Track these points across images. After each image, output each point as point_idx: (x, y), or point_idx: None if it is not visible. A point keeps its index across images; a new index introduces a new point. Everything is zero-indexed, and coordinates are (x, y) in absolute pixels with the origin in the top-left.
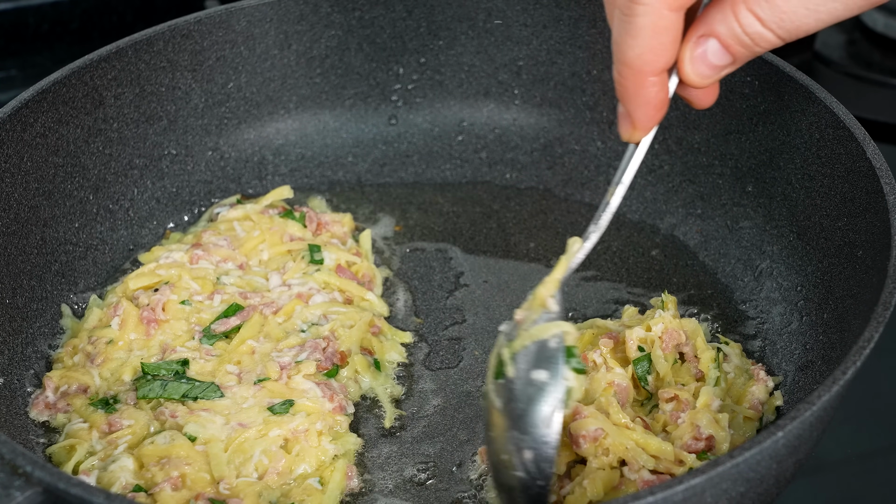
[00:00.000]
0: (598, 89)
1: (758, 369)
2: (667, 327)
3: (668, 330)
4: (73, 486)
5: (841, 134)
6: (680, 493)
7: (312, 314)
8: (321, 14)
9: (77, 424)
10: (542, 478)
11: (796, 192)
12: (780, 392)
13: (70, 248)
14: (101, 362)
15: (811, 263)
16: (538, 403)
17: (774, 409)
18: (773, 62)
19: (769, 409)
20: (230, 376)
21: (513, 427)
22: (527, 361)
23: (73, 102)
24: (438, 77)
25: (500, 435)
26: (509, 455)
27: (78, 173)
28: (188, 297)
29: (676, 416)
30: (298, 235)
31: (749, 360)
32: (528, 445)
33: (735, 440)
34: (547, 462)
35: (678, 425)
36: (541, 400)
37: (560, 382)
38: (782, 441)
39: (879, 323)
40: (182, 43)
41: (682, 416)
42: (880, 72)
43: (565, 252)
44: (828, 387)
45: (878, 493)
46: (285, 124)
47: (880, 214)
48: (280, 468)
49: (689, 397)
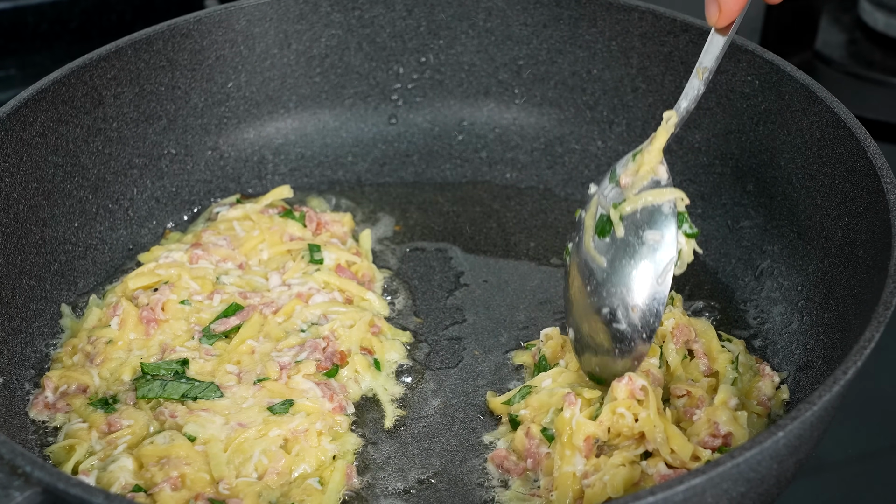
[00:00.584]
0: (599, 88)
1: (763, 365)
2: (678, 322)
3: (678, 325)
4: (73, 487)
5: (841, 133)
6: (680, 492)
7: (312, 314)
8: (321, 13)
9: (76, 424)
10: (647, 331)
11: (797, 192)
12: (786, 386)
13: (69, 248)
14: (101, 362)
15: (812, 263)
16: (652, 262)
17: (782, 403)
18: (774, 61)
19: (776, 405)
20: (230, 376)
21: (621, 283)
22: (638, 223)
23: (72, 102)
24: (438, 76)
25: (599, 292)
26: (612, 310)
27: (77, 173)
28: (188, 296)
29: (691, 413)
30: (298, 235)
31: (753, 357)
32: (639, 301)
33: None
34: (655, 316)
35: (693, 421)
36: (654, 258)
37: (673, 244)
38: (783, 441)
39: (880, 323)
40: (182, 42)
41: (698, 413)
42: (881, 71)
43: (662, 123)
44: (828, 387)
45: (879, 494)
46: (285, 124)
47: (881, 214)
48: (280, 468)
49: (703, 394)
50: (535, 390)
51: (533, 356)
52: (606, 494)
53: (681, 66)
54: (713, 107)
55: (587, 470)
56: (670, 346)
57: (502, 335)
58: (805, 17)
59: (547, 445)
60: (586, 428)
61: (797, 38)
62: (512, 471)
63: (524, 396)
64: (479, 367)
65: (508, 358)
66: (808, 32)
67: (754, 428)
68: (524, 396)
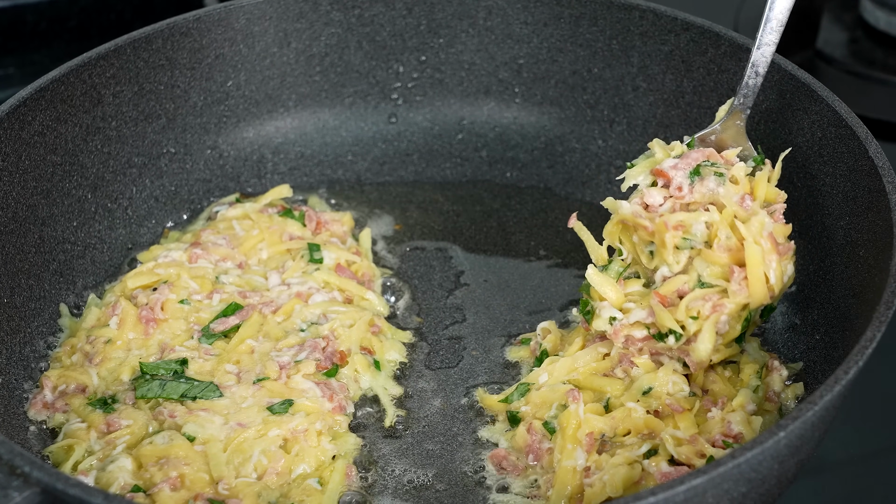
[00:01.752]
0: (599, 87)
1: (772, 359)
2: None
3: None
4: (72, 487)
5: (843, 132)
6: (681, 493)
7: (312, 313)
8: (321, 12)
9: (75, 424)
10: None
11: (798, 191)
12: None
13: (68, 247)
14: (100, 362)
15: (813, 263)
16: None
17: (795, 398)
18: (775, 60)
19: (788, 398)
20: (229, 376)
21: None
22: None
23: (71, 101)
24: (439, 75)
25: None
26: None
27: (76, 172)
28: (187, 296)
29: (706, 409)
30: (298, 234)
31: (767, 354)
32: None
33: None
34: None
35: (707, 419)
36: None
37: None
38: (784, 441)
39: (882, 322)
40: (181, 41)
41: (714, 411)
42: (882, 70)
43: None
44: (830, 386)
45: (881, 494)
46: (284, 122)
47: (882, 213)
48: (279, 468)
49: (725, 393)
50: (534, 386)
51: (532, 351)
52: (606, 494)
53: (682, 64)
54: (714, 106)
55: (588, 465)
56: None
57: (502, 335)
58: (806, 16)
59: (549, 440)
60: (594, 423)
61: (798, 37)
62: (511, 471)
63: (523, 394)
64: (479, 366)
65: (508, 357)
66: (809, 31)
67: (766, 427)
68: (523, 394)
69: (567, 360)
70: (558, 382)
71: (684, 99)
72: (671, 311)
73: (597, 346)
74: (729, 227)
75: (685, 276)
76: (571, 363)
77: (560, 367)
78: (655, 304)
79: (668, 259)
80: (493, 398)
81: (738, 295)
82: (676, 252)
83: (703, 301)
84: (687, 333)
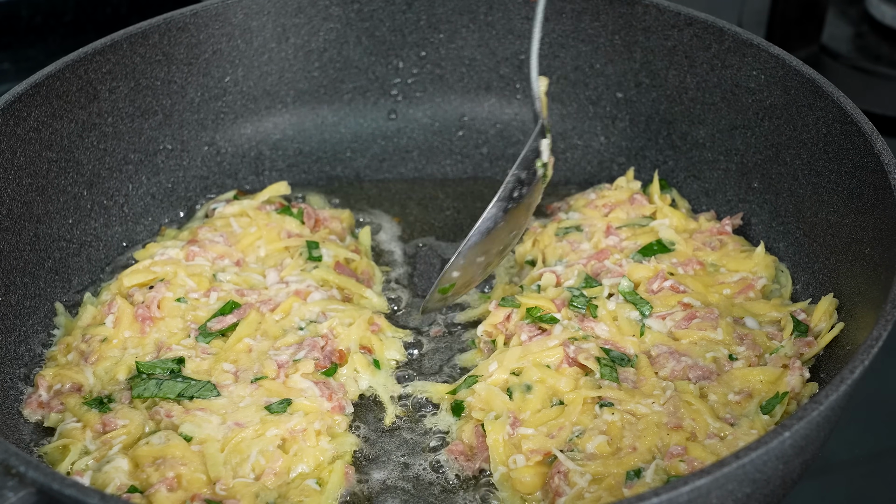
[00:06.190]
0: (602, 83)
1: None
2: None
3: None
4: (67, 487)
5: (848, 129)
6: (685, 493)
7: (310, 312)
8: (319, 7)
9: (71, 424)
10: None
11: (803, 189)
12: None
13: (64, 245)
14: (95, 361)
15: (818, 261)
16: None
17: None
18: (780, 56)
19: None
20: (227, 375)
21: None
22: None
23: (66, 96)
24: (439, 71)
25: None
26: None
27: (72, 168)
28: (184, 294)
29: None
30: (296, 232)
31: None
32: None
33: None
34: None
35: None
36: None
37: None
38: (789, 441)
39: (888, 321)
40: (178, 36)
41: (713, 398)
42: (888, 65)
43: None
44: (835, 386)
45: (886, 495)
46: (283, 119)
47: (888, 211)
48: (277, 468)
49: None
50: (483, 377)
51: (484, 351)
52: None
53: (685, 60)
54: (717, 102)
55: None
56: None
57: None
58: (811, 11)
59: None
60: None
61: (803, 32)
62: (465, 466)
63: (469, 385)
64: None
65: (458, 363)
66: (814, 26)
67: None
68: (469, 385)
69: (516, 350)
70: (507, 373)
71: (687, 95)
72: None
73: (546, 339)
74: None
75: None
76: (521, 352)
77: (510, 357)
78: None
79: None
80: (440, 387)
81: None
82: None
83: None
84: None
